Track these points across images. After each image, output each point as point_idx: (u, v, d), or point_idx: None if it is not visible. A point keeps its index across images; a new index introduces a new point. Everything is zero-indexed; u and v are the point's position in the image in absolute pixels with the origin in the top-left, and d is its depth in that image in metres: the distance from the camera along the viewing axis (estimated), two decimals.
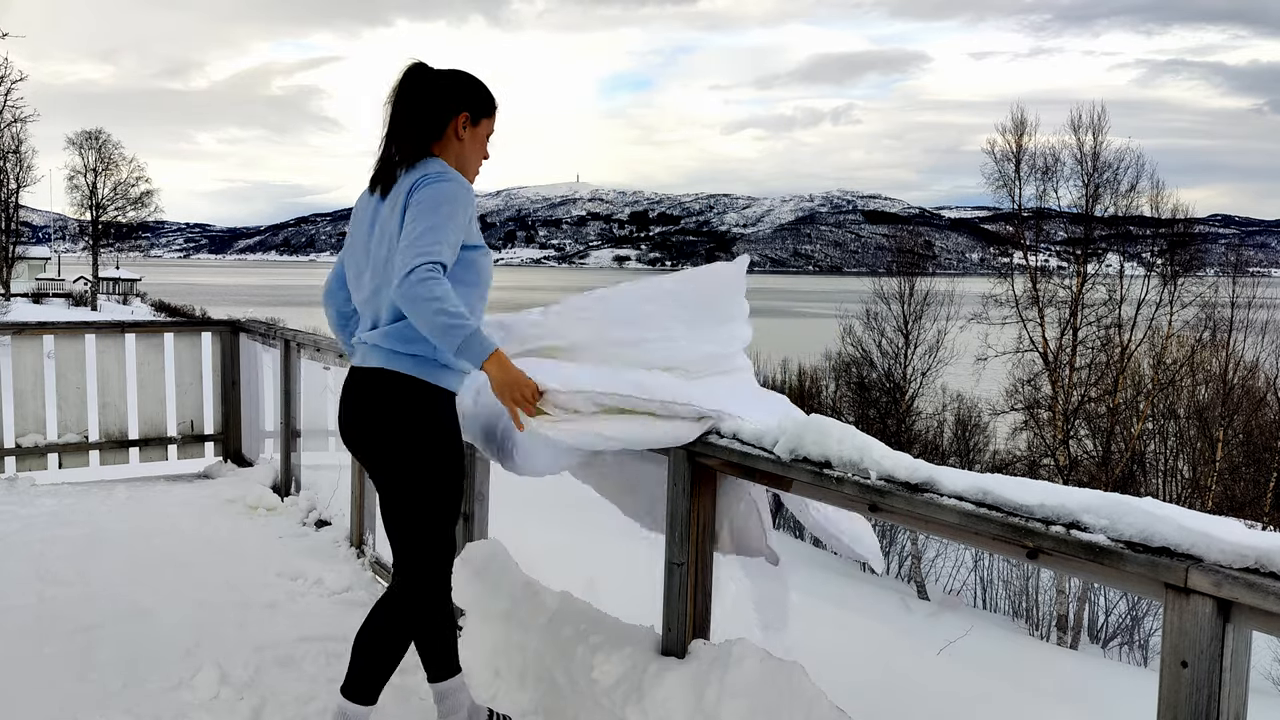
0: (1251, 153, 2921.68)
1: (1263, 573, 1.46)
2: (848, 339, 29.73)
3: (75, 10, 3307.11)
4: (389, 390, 2.38)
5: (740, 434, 2.48)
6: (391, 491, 2.46)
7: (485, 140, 2.52)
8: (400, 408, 2.38)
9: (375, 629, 2.51)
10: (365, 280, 2.45)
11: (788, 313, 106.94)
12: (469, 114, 2.45)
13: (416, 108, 2.40)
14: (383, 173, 2.41)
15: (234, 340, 6.34)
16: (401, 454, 2.40)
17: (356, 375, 2.47)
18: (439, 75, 2.45)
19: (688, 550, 2.62)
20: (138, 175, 54.44)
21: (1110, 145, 26.36)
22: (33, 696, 2.98)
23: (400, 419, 2.38)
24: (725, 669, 2.43)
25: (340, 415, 2.51)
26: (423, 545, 2.46)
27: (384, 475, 2.45)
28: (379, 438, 2.41)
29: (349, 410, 2.48)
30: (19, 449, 5.74)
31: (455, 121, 2.43)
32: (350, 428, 2.48)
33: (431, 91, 2.42)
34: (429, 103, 2.41)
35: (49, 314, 39.00)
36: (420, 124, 2.40)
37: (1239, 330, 25.92)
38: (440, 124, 2.42)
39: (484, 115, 2.50)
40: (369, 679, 2.51)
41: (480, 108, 2.48)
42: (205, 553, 4.45)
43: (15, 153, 44.45)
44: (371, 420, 2.41)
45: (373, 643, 2.50)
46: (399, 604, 2.51)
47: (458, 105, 2.43)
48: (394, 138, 2.41)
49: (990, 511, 1.83)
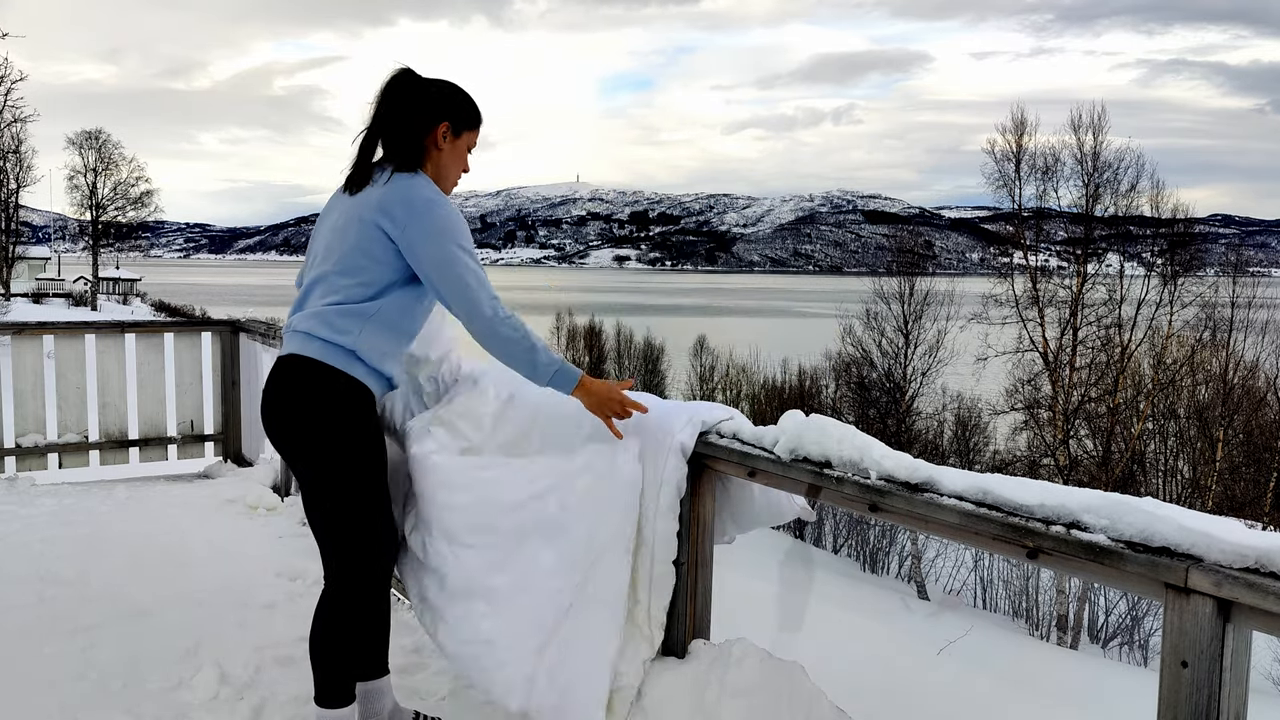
0: (1252, 153, 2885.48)
1: (1263, 573, 1.46)
2: (848, 339, 29.74)
3: (78, 10, 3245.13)
4: (313, 381, 2.37)
5: (740, 434, 2.48)
6: (314, 487, 2.43)
7: (465, 153, 2.54)
8: (322, 399, 2.36)
9: (318, 631, 2.50)
10: (311, 266, 2.50)
11: (788, 313, 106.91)
12: (450, 124, 2.47)
13: (400, 112, 2.42)
14: (358, 173, 2.44)
15: (234, 340, 6.33)
16: (322, 447, 2.37)
17: (283, 363, 2.44)
18: (425, 83, 2.47)
19: (688, 550, 2.62)
20: (138, 175, 54.52)
21: (1110, 145, 26.41)
22: (33, 696, 2.97)
23: (322, 411, 2.36)
24: (725, 669, 2.43)
25: (263, 406, 2.47)
26: (350, 541, 2.43)
27: (305, 468, 2.42)
28: (300, 429, 2.39)
29: (271, 400, 2.44)
30: (19, 449, 5.74)
31: (436, 130, 2.45)
32: (272, 419, 2.44)
33: (416, 98, 2.44)
34: (413, 108, 2.43)
35: (49, 314, 39.00)
36: (402, 128, 2.42)
37: (1239, 330, 25.91)
38: (422, 131, 2.43)
39: (466, 128, 2.51)
40: (333, 682, 2.49)
41: (463, 120, 2.49)
42: (205, 553, 4.45)
43: (15, 153, 44.46)
44: (293, 411, 2.39)
45: (321, 645, 2.49)
46: (335, 602, 2.48)
47: (440, 114, 2.45)
48: (374, 138, 2.45)
49: (990, 511, 1.84)
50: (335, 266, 2.40)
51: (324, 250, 2.46)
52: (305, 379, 2.38)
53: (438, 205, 2.35)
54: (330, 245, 2.43)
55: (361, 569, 2.46)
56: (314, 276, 2.46)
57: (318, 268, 2.45)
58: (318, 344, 2.38)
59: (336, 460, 2.38)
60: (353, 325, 2.37)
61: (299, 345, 2.40)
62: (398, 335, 2.46)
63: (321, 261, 2.45)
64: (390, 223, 2.32)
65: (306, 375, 2.38)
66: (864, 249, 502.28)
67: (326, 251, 2.44)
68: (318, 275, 2.44)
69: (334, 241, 2.42)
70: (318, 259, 2.47)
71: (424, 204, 2.33)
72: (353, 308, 2.37)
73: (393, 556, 2.56)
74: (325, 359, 2.37)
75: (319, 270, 2.44)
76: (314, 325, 2.39)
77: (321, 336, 2.37)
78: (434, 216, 2.32)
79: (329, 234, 2.45)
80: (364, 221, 2.35)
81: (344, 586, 2.47)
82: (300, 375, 2.39)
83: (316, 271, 2.45)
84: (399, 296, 2.41)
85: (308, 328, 2.39)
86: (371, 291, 2.38)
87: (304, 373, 2.38)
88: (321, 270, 2.44)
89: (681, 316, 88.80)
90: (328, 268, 2.42)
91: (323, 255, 2.45)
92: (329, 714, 2.50)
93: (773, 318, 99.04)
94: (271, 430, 2.45)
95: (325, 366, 2.36)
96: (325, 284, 2.42)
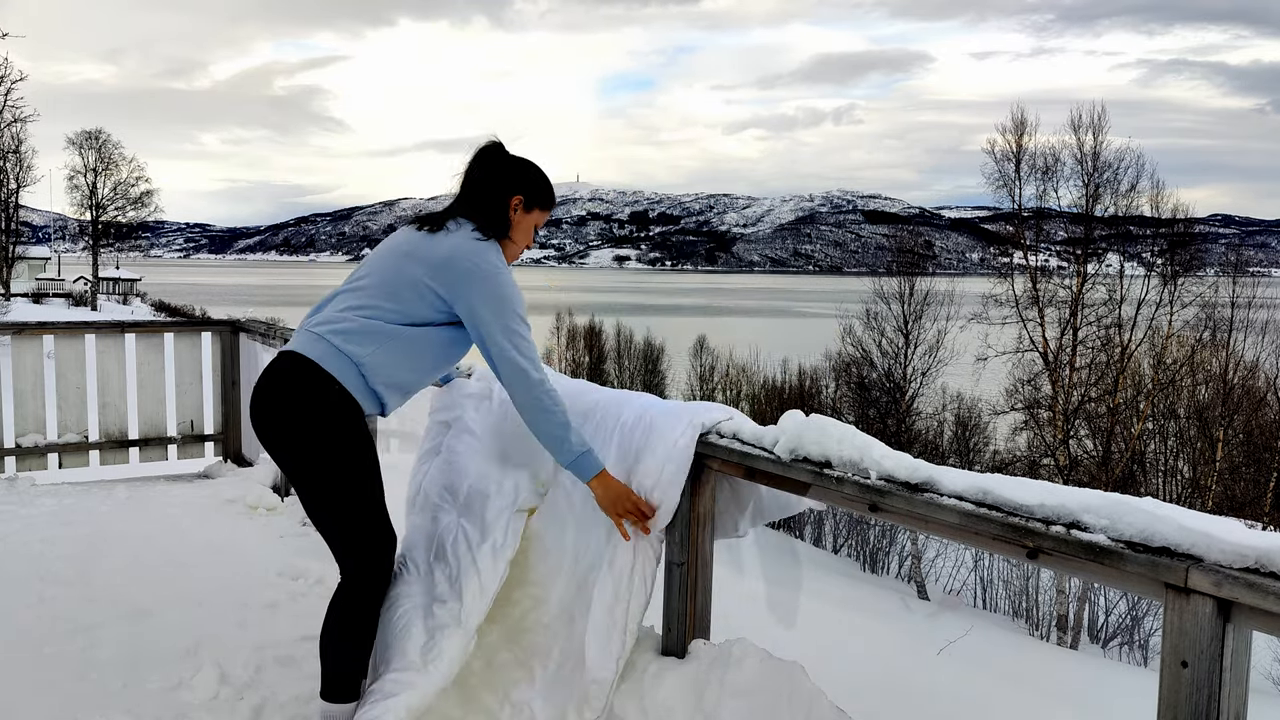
0: (1252, 153, 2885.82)
1: (1263, 573, 1.46)
2: (848, 339, 29.74)
3: (79, 10, 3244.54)
4: (303, 383, 2.38)
5: (740, 434, 2.48)
6: (296, 483, 2.46)
7: (532, 229, 2.65)
8: (307, 402, 2.38)
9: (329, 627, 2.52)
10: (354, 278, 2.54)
11: (788, 313, 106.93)
12: (524, 198, 2.59)
13: (482, 178, 2.58)
14: (437, 217, 2.56)
15: (234, 340, 6.34)
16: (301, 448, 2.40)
17: (281, 358, 2.46)
18: (510, 158, 2.62)
19: (687, 550, 2.62)
20: (138, 175, 54.55)
21: (1110, 145, 26.37)
22: (33, 696, 2.97)
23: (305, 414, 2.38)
24: (725, 669, 2.43)
25: (252, 397, 2.49)
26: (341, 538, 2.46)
27: (285, 464, 2.45)
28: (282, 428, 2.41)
29: (259, 394, 2.46)
30: (19, 449, 5.74)
31: (510, 201, 2.58)
32: (257, 412, 2.46)
33: (499, 168, 2.59)
34: (494, 176, 2.58)
35: (49, 314, 39.00)
36: (485, 192, 2.56)
37: (1239, 330, 25.91)
38: (499, 197, 2.56)
39: (537, 205, 2.64)
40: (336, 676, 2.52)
41: (535, 198, 2.62)
42: (205, 553, 4.45)
43: (15, 153, 44.48)
44: (277, 408, 2.41)
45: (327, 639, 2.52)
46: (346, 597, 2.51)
47: (516, 187, 2.59)
48: (461, 199, 2.58)
49: (990, 511, 1.84)
50: (380, 289, 2.46)
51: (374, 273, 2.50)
52: (296, 379, 2.39)
53: (502, 273, 2.46)
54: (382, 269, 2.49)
55: (356, 566, 2.48)
56: (350, 286, 2.51)
57: (360, 281, 2.50)
58: (324, 346, 2.40)
59: (315, 462, 2.40)
60: (369, 341, 2.41)
61: (303, 344, 2.43)
62: (410, 368, 2.49)
63: (366, 277, 2.50)
64: (447, 282, 2.41)
65: (298, 376, 2.39)
66: (864, 249, 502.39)
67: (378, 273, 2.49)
68: (355, 286, 2.50)
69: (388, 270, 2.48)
70: (364, 275, 2.52)
71: (491, 270, 2.44)
72: (377, 324, 2.42)
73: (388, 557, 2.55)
74: (324, 364, 2.38)
75: (360, 283, 2.49)
76: (327, 330, 2.42)
77: (331, 341, 2.40)
78: (498, 284, 2.43)
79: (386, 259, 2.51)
80: (421, 273, 2.43)
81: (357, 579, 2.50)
82: (292, 374, 2.40)
83: (356, 284, 2.50)
84: (429, 333, 2.47)
85: (320, 330, 2.43)
86: (406, 319, 2.44)
87: (297, 373, 2.40)
88: (362, 284, 2.49)
89: (681, 316, 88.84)
90: (370, 283, 2.48)
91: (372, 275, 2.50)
92: (331, 708, 2.52)
93: (773, 318, 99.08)
94: (255, 422, 2.47)
95: (321, 371, 2.38)
96: (360, 294, 2.47)
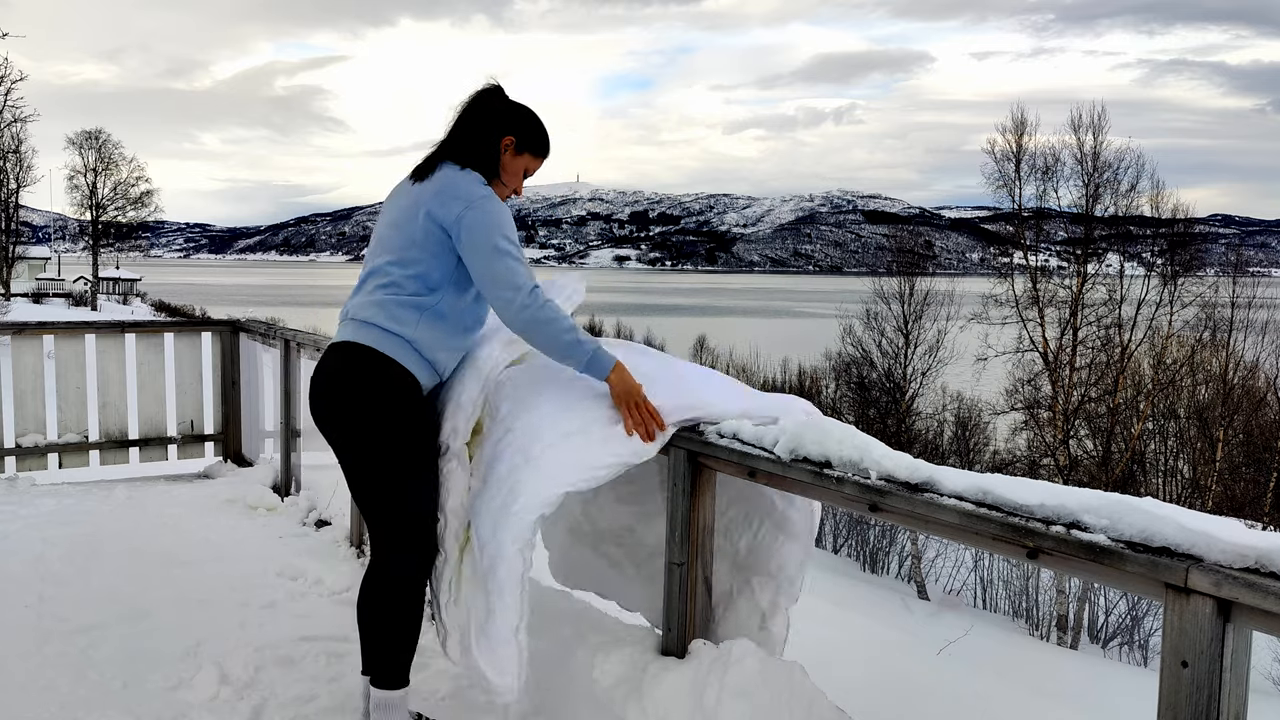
0: (1252, 153, 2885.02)
1: (1263, 573, 1.46)
2: (848, 339, 29.74)
3: (80, 10, 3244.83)
4: (366, 368, 2.44)
5: (740, 434, 2.48)
6: (357, 469, 2.50)
7: (521, 173, 2.63)
8: (373, 386, 2.44)
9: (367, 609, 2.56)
10: (371, 255, 2.59)
11: (788, 313, 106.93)
12: (515, 139, 2.58)
13: (477, 118, 2.56)
14: (426, 164, 2.55)
15: (234, 340, 6.34)
16: (368, 432, 2.44)
17: (336, 349, 2.52)
18: (506, 101, 2.61)
19: (687, 550, 2.62)
20: (138, 175, 54.59)
21: (1110, 145, 26.37)
22: (33, 696, 2.98)
23: (371, 398, 2.43)
24: (725, 669, 2.43)
25: (312, 390, 2.54)
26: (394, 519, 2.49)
27: (350, 452, 2.49)
28: (350, 415, 2.46)
29: (322, 385, 2.51)
30: (19, 449, 5.74)
31: (502, 140, 2.57)
32: (321, 403, 2.51)
33: (494, 108, 2.57)
34: (489, 116, 2.56)
35: (49, 314, 38.97)
36: (475, 132, 2.55)
37: (1239, 330, 25.90)
38: (490, 136, 2.55)
39: (528, 150, 2.62)
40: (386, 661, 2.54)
41: (528, 142, 2.60)
42: (205, 553, 4.45)
43: (15, 153, 44.48)
44: (344, 397, 2.46)
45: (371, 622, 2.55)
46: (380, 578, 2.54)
47: (509, 128, 2.57)
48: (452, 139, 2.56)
49: (990, 511, 1.84)
50: (392, 258, 2.49)
51: (382, 241, 2.55)
52: (359, 366, 2.45)
53: (490, 199, 2.45)
54: (388, 238, 2.53)
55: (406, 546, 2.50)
56: (371, 267, 2.56)
57: (375, 258, 2.55)
58: (375, 331, 2.46)
59: (381, 444, 2.45)
60: (410, 316, 2.46)
61: (353, 332, 2.49)
62: (452, 329, 2.54)
63: (380, 252, 2.54)
64: (445, 212, 2.41)
65: (360, 362, 2.45)
66: (864, 249, 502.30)
67: (386, 243, 2.54)
68: (374, 266, 2.54)
69: (393, 235, 2.52)
70: (376, 249, 2.57)
71: (478, 196, 2.43)
72: (410, 299, 2.46)
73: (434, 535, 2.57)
74: (380, 347, 2.45)
75: (375, 261, 2.54)
76: (372, 313, 2.48)
77: (379, 324, 2.46)
78: (484, 210, 2.42)
79: (388, 228, 2.55)
80: (420, 216, 2.44)
81: (390, 564, 2.52)
82: (354, 362, 2.46)
83: (373, 262, 2.55)
84: (453, 291, 2.50)
85: (365, 315, 2.48)
86: (427, 285, 2.47)
87: (358, 360, 2.46)
88: (378, 261, 2.53)
89: (681, 316, 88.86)
90: (385, 259, 2.51)
91: (382, 246, 2.55)
92: (383, 695, 2.55)
93: (773, 318, 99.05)
94: (319, 413, 2.52)
95: (379, 354, 2.45)
96: (381, 274, 2.51)
